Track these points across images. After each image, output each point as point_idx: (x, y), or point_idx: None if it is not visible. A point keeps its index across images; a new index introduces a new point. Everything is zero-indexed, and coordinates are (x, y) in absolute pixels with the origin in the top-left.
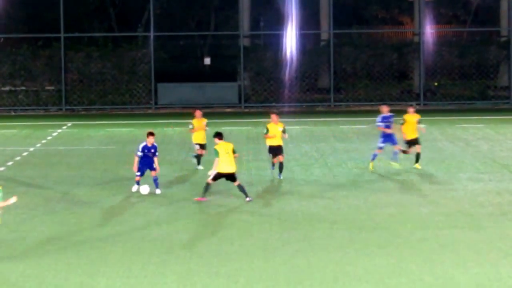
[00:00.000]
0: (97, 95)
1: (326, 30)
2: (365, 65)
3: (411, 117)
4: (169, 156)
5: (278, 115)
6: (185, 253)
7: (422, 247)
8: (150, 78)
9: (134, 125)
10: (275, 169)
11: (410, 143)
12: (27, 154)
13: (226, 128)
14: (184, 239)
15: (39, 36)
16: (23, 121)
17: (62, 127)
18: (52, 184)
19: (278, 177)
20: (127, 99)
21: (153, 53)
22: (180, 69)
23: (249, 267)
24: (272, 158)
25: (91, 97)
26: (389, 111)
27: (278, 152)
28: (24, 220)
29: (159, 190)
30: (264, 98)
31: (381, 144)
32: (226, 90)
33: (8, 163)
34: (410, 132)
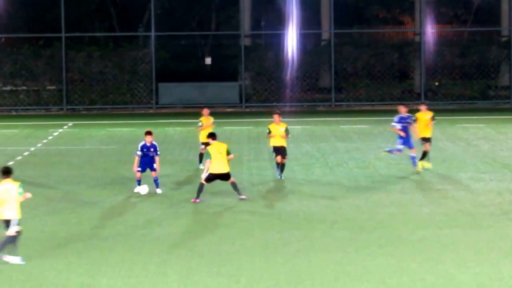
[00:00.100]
0: (98, 95)
1: (327, 30)
2: (366, 65)
3: (424, 115)
4: (170, 156)
5: (280, 115)
6: (186, 253)
7: (423, 247)
8: (151, 78)
9: (135, 125)
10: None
11: (424, 141)
12: (28, 154)
13: (227, 128)
14: (185, 239)
15: (40, 36)
16: (24, 121)
17: (63, 127)
18: (53, 184)
19: (280, 177)
20: (128, 99)
21: (154, 53)
22: (181, 69)
23: (250, 267)
24: (276, 157)
25: (92, 97)
26: (407, 112)
27: (280, 153)
28: (25, 220)
29: (160, 190)
30: (265, 98)
31: (400, 146)
32: (227, 90)
33: (9, 163)
34: (423, 130)
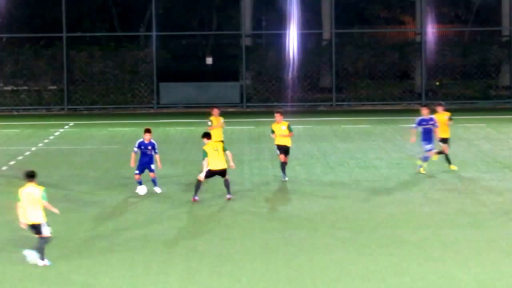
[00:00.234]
0: (99, 95)
1: (328, 30)
2: (367, 65)
3: (441, 116)
4: (171, 156)
5: (281, 114)
6: (187, 253)
7: (424, 246)
8: (152, 78)
9: (136, 125)
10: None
11: (442, 142)
12: (30, 154)
13: (228, 128)
14: (186, 239)
15: (41, 36)
16: (26, 121)
17: (64, 127)
18: (54, 184)
19: (283, 178)
20: (129, 99)
21: (155, 53)
22: (182, 69)
23: (251, 267)
24: (279, 155)
25: (93, 97)
26: (430, 113)
27: (283, 152)
28: None
29: (159, 189)
30: (266, 98)
31: (428, 146)
32: (228, 90)
33: (11, 163)
34: (441, 131)
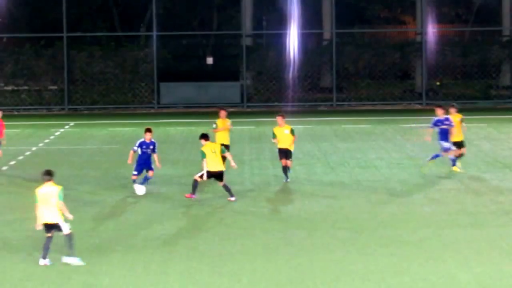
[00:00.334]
0: (100, 95)
1: (329, 30)
2: (367, 65)
3: (454, 118)
4: (172, 156)
5: (284, 117)
6: (188, 252)
7: (425, 246)
8: (153, 78)
9: (137, 125)
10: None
11: (456, 145)
12: (30, 154)
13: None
14: (187, 238)
15: (42, 36)
16: (26, 121)
17: (65, 127)
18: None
19: (286, 179)
20: (130, 99)
21: (156, 53)
22: (183, 69)
23: (252, 266)
24: (281, 160)
25: (94, 97)
26: (445, 113)
27: (286, 156)
28: (27, 219)
29: (143, 190)
30: (267, 98)
31: (446, 145)
32: (229, 90)
33: (11, 163)
34: (455, 134)
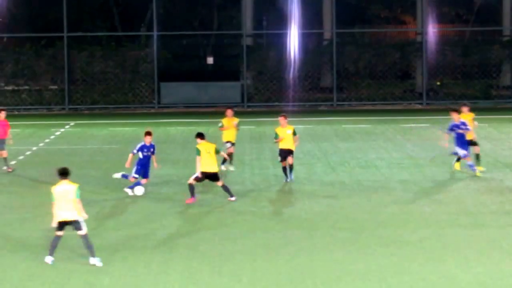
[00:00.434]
0: (100, 95)
1: (329, 30)
2: (368, 65)
3: (467, 117)
4: (172, 156)
5: (286, 118)
6: (188, 252)
7: (425, 246)
8: (153, 78)
9: (137, 124)
10: (287, 172)
11: (469, 144)
12: (30, 154)
13: None
14: (187, 238)
15: (42, 36)
16: (26, 121)
17: (65, 126)
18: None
19: (290, 180)
20: (130, 99)
21: (156, 52)
22: (183, 69)
23: (252, 266)
24: (281, 161)
25: (94, 97)
26: (460, 117)
27: (288, 155)
28: (27, 219)
29: (132, 192)
30: (267, 98)
31: (463, 153)
32: (229, 90)
33: (11, 162)
34: (468, 133)
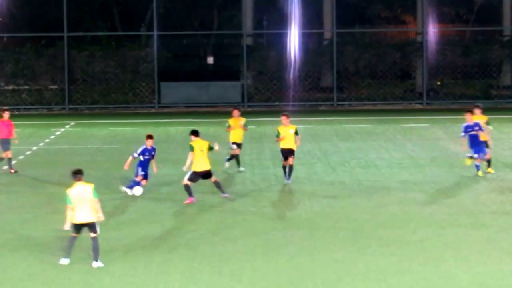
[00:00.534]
0: (100, 94)
1: (329, 29)
2: (368, 64)
3: (479, 119)
4: (172, 156)
5: (289, 117)
6: (188, 252)
7: (425, 246)
8: (153, 77)
9: (137, 124)
10: (286, 173)
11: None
12: (31, 153)
13: None
14: (187, 238)
15: (43, 35)
16: (27, 120)
17: (65, 126)
18: (55, 183)
19: (287, 181)
20: (130, 98)
21: (156, 52)
22: (183, 68)
23: (252, 266)
24: (283, 161)
25: (94, 96)
26: (473, 119)
27: (289, 155)
28: (28, 219)
29: (130, 192)
30: (267, 98)
31: (475, 155)
32: (229, 89)
33: (12, 162)
34: (481, 134)
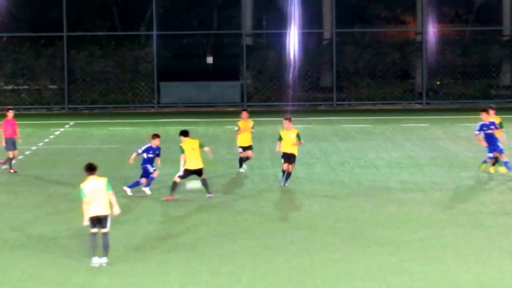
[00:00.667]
0: (100, 94)
1: (329, 29)
2: (368, 64)
3: (493, 120)
4: (172, 156)
5: (291, 121)
6: (187, 252)
7: (425, 246)
8: (153, 77)
9: (137, 124)
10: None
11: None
12: (30, 153)
13: (228, 127)
14: (186, 238)
15: (42, 35)
16: (26, 120)
17: (65, 126)
18: (55, 183)
19: (283, 183)
20: (130, 98)
21: (156, 52)
22: (183, 68)
23: (251, 266)
24: (283, 165)
25: (94, 96)
26: (489, 117)
27: (289, 161)
28: (27, 219)
29: (130, 191)
30: (267, 97)
31: (490, 154)
32: (229, 89)
33: (12, 162)
34: (496, 132)
